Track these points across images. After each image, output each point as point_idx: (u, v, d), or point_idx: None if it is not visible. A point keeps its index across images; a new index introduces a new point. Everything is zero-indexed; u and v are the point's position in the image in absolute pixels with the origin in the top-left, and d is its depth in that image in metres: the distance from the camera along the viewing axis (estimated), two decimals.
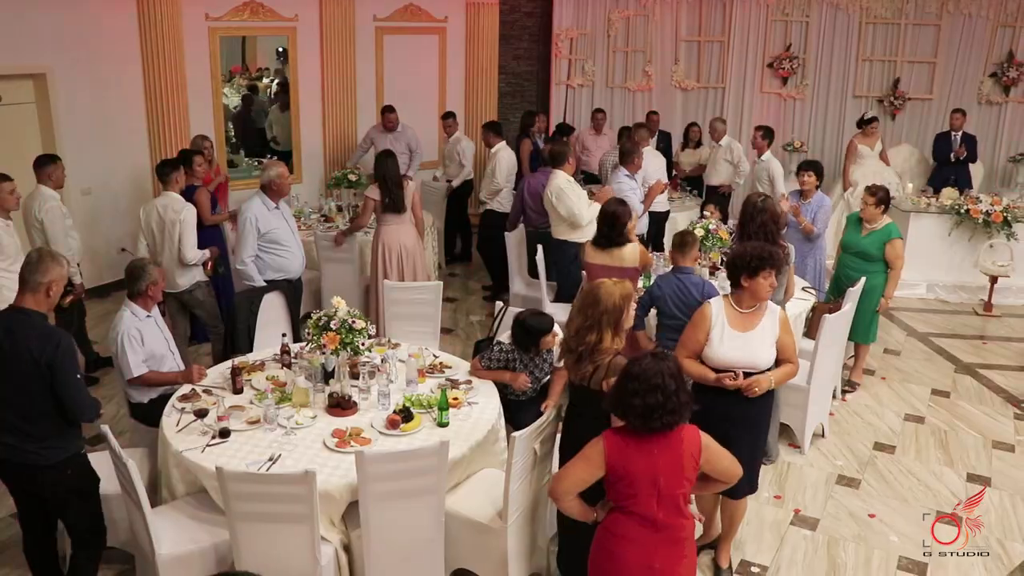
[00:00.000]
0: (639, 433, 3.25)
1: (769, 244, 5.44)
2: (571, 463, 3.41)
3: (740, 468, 3.50)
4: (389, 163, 7.30)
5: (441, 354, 5.63)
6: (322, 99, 10.50)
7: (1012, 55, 11.51)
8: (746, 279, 4.27)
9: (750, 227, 5.57)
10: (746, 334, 4.32)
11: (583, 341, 3.99)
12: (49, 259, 4.00)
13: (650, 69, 12.01)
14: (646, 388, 3.18)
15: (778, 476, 5.77)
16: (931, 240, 9.37)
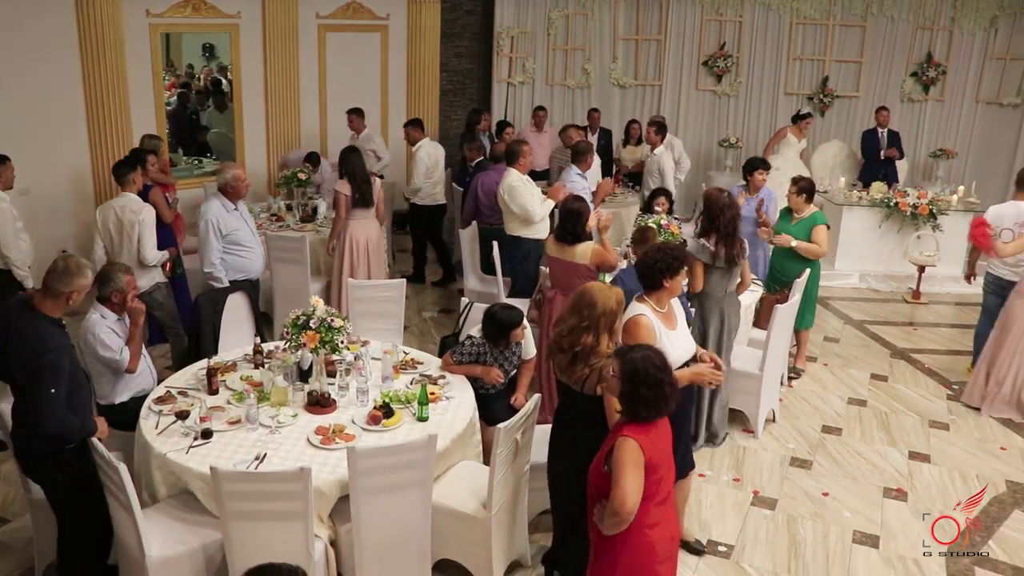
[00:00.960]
0: (648, 422, 3.42)
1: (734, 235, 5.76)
2: (624, 479, 3.30)
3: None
4: (355, 158, 7.40)
5: (411, 350, 5.73)
6: (265, 97, 10.43)
7: (931, 56, 12.10)
8: (668, 280, 4.50)
9: (720, 222, 5.74)
10: (676, 330, 4.56)
11: (578, 342, 4.07)
12: (74, 269, 4.10)
13: (589, 67, 12.23)
14: (653, 380, 3.37)
15: (735, 460, 6.03)
16: (863, 232, 9.80)
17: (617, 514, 3.33)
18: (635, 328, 4.41)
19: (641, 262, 4.62)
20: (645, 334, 4.38)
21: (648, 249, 4.69)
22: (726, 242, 5.74)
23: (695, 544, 5.04)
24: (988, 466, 6.11)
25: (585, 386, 4.10)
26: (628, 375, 3.40)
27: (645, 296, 4.58)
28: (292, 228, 8.48)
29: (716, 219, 5.76)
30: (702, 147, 12.36)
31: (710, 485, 5.70)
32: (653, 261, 4.53)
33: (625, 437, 3.36)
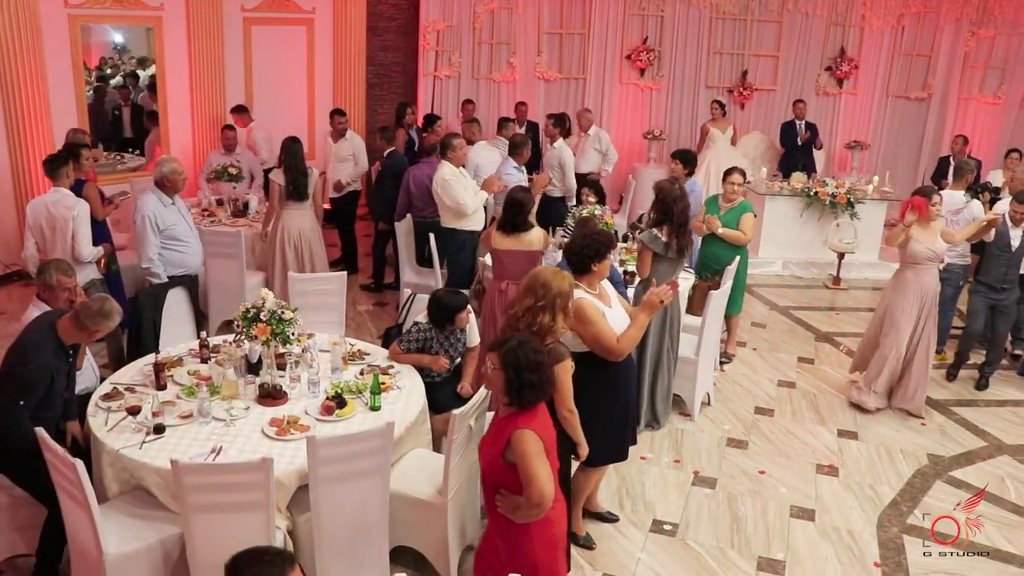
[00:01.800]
0: (534, 406, 3.49)
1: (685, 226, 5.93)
2: (536, 471, 3.36)
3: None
4: (295, 149, 7.37)
5: (356, 342, 5.76)
6: (190, 90, 10.26)
7: (844, 51, 12.55)
8: (595, 264, 4.65)
9: (673, 213, 5.89)
10: (612, 308, 4.72)
11: (535, 321, 4.15)
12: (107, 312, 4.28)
13: (514, 61, 12.35)
14: (534, 363, 3.45)
15: (674, 442, 6.22)
16: (784, 221, 10.15)
17: (538, 505, 3.36)
18: (583, 311, 4.52)
19: (569, 248, 4.76)
20: (594, 315, 4.52)
21: (575, 235, 4.83)
22: (678, 233, 5.91)
23: (607, 515, 5.25)
24: (911, 441, 6.43)
25: None
26: (511, 363, 3.44)
27: (577, 281, 4.68)
28: (224, 223, 8.39)
29: (669, 210, 5.91)
30: (627, 140, 12.58)
31: (652, 467, 5.88)
32: (581, 247, 4.67)
33: (521, 429, 3.39)
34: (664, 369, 6.22)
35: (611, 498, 5.49)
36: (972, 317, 7.24)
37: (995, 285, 7.04)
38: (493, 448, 3.54)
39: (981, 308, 7.17)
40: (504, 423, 3.52)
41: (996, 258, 6.99)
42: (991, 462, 6.24)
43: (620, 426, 4.84)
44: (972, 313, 7.24)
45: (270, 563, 2.57)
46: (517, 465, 3.40)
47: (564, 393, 4.21)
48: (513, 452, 3.40)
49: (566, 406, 4.24)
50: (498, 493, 3.53)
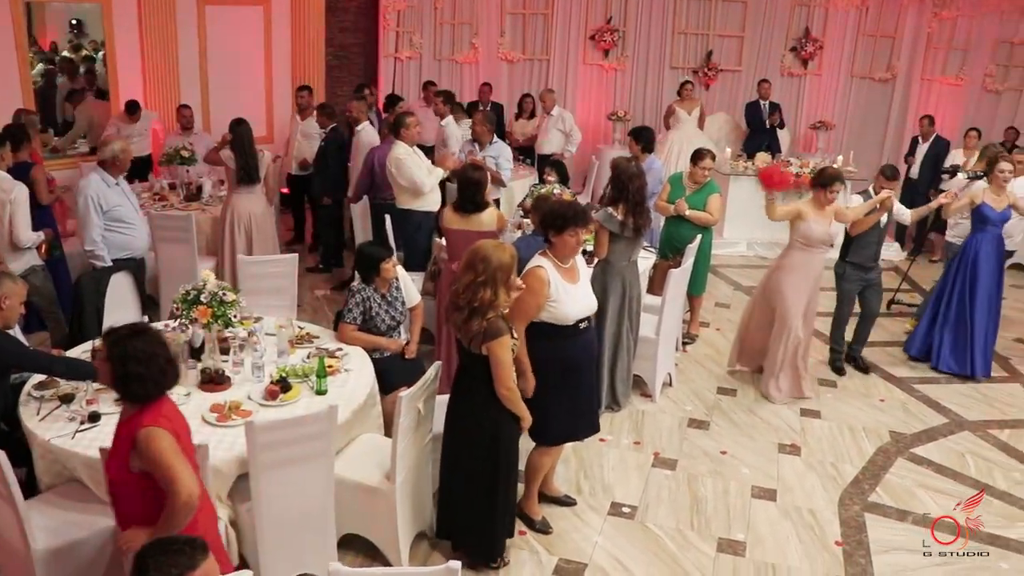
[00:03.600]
0: (154, 400, 3.24)
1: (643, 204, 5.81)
2: (176, 470, 3.09)
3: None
4: (243, 131, 7.20)
5: (306, 324, 5.61)
6: (143, 73, 10.00)
7: (808, 31, 12.47)
8: (553, 235, 4.55)
9: (629, 191, 5.77)
10: (577, 285, 4.62)
11: (476, 297, 4.04)
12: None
13: (476, 41, 12.17)
14: (144, 355, 3.18)
15: (635, 424, 6.11)
16: (749, 201, 10.05)
17: (187, 504, 3.09)
18: (528, 277, 4.45)
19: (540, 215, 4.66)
20: (537, 285, 4.44)
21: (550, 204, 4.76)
22: (634, 211, 5.79)
23: (565, 499, 5.14)
24: (873, 419, 6.38)
25: (472, 344, 4.11)
26: (116, 355, 3.16)
27: (547, 251, 4.61)
28: (176, 207, 8.18)
29: (625, 188, 5.79)
30: (591, 121, 12.45)
31: (611, 449, 5.77)
32: (542, 216, 4.70)
33: (148, 428, 3.12)
34: (624, 350, 6.10)
35: (569, 481, 5.37)
36: (843, 302, 6.92)
37: (866, 264, 6.75)
38: (118, 457, 3.22)
39: (853, 291, 6.86)
40: (126, 426, 3.21)
41: (864, 236, 6.62)
42: (952, 438, 6.19)
43: (575, 403, 4.74)
44: (844, 298, 6.90)
45: (178, 552, 2.42)
46: (152, 469, 3.11)
47: (502, 371, 4.11)
48: (143, 455, 3.11)
49: (504, 384, 4.14)
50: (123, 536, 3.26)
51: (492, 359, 4.11)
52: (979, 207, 6.84)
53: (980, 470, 5.77)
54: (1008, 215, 6.90)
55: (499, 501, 4.38)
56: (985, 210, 6.84)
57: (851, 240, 6.69)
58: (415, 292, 5.58)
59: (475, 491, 4.36)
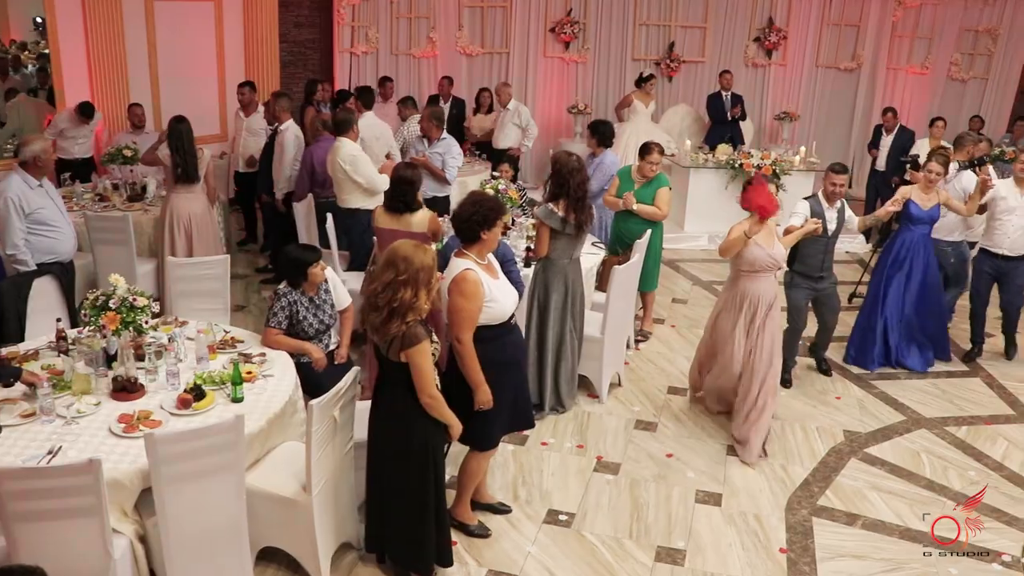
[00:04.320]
0: None
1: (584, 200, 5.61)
2: None
3: None
4: (183, 129, 6.96)
5: (233, 328, 5.39)
6: (89, 71, 9.71)
7: (772, 21, 12.30)
8: (485, 232, 4.33)
9: (570, 186, 5.56)
10: (499, 280, 4.44)
11: (395, 297, 3.84)
12: None
13: (434, 35, 11.93)
14: None
15: (579, 427, 5.90)
16: (709, 194, 9.88)
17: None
18: (464, 283, 4.22)
19: (457, 216, 4.42)
20: (474, 288, 4.22)
21: (463, 202, 4.50)
22: (576, 207, 5.58)
23: (499, 506, 4.95)
24: (828, 418, 6.20)
25: (390, 350, 3.91)
26: None
27: (465, 251, 4.38)
28: (119, 208, 7.92)
29: (565, 183, 5.58)
30: (552, 114, 12.25)
31: (553, 453, 5.56)
32: (469, 214, 4.34)
33: None
34: (568, 350, 5.90)
35: (506, 488, 5.16)
36: (794, 313, 6.36)
37: (813, 274, 6.23)
38: None
39: (803, 302, 6.34)
40: None
41: (812, 244, 6.08)
42: (908, 436, 6.01)
43: (515, 400, 4.56)
44: (794, 310, 6.35)
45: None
46: None
47: (423, 379, 3.91)
48: None
49: (427, 392, 3.94)
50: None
51: (412, 367, 3.91)
52: (906, 205, 6.60)
53: (935, 470, 5.59)
54: (937, 214, 6.67)
55: (431, 513, 4.19)
56: (912, 208, 6.61)
57: (796, 249, 6.16)
58: (345, 295, 5.35)
59: (405, 503, 4.17)
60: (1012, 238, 6.77)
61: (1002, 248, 6.82)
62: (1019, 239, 6.77)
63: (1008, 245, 6.79)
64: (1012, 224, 6.74)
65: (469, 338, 4.25)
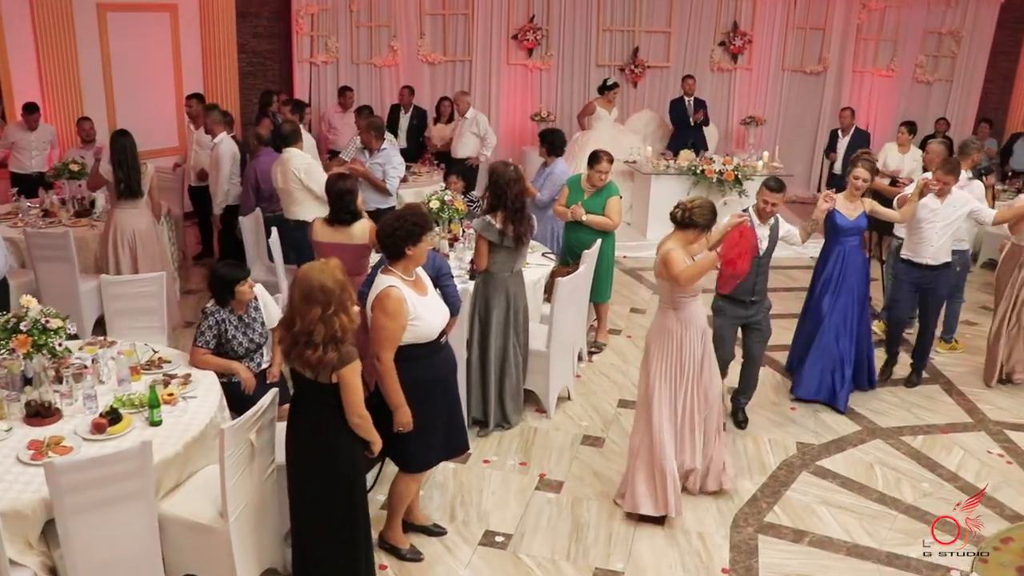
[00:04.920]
0: None
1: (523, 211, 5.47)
2: None
3: None
4: (126, 143, 6.81)
5: (162, 348, 5.22)
6: (40, 84, 9.54)
7: (736, 25, 12.22)
8: (410, 247, 4.17)
9: (507, 198, 5.43)
10: (427, 297, 4.29)
11: (333, 329, 3.70)
12: None
13: (396, 44, 11.76)
14: None
15: (524, 443, 5.75)
16: (671, 200, 9.41)
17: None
18: (386, 300, 4.08)
19: (380, 231, 4.27)
20: (396, 306, 4.08)
21: (387, 217, 4.36)
22: (514, 219, 5.45)
23: (433, 528, 4.80)
24: (782, 429, 6.07)
25: (319, 374, 3.75)
26: None
27: (390, 267, 4.23)
28: (64, 224, 7.74)
29: (503, 195, 5.45)
30: (516, 122, 12.12)
31: (494, 471, 5.40)
32: (392, 229, 4.19)
33: None
34: (512, 365, 5.76)
35: (443, 508, 5.01)
36: (719, 344, 5.60)
37: (743, 299, 5.68)
38: None
39: (730, 331, 5.80)
40: None
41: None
42: (862, 448, 5.88)
43: (446, 422, 4.42)
44: (719, 340, 5.65)
45: None
46: None
47: (355, 397, 3.78)
48: None
49: (357, 412, 3.81)
50: None
51: (344, 386, 3.76)
52: (831, 216, 6.17)
53: (888, 482, 5.46)
54: (864, 224, 6.28)
55: (359, 535, 4.05)
56: (837, 219, 6.13)
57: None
58: (277, 312, 5.18)
59: (331, 527, 4.02)
60: (935, 246, 6.43)
61: (925, 257, 6.46)
62: (941, 247, 6.46)
63: (932, 254, 6.45)
64: (935, 231, 6.40)
65: (389, 357, 4.11)
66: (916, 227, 6.44)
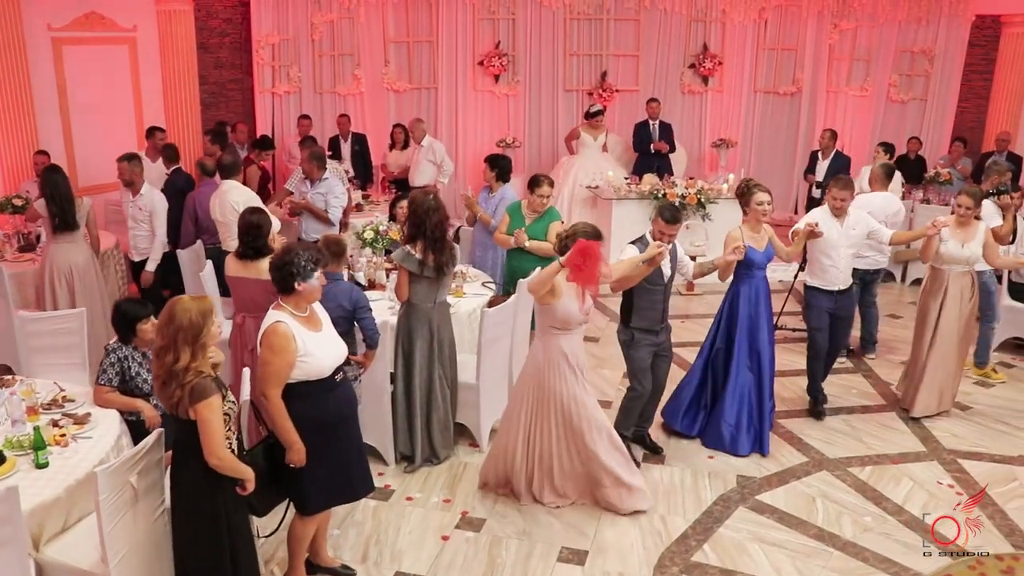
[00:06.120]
0: None
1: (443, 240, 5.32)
2: None
3: None
4: (58, 178, 6.75)
5: (69, 386, 5.05)
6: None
7: (706, 47, 12.09)
8: (299, 283, 4.03)
9: (427, 227, 5.28)
10: (322, 332, 4.14)
11: (163, 363, 3.62)
12: None
13: (359, 72, 11.65)
14: None
15: (452, 479, 5.54)
16: (633, 225, 9.48)
17: None
18: (272, 336, 3.95)
19: (271, 265, 4.12)
20: (282, 342, 3.93)
21: (278, 251, 4.21)
22: (434, 248, 5.28)
23: (341, 569, 4.60)
24: (724, 462, 5.85)
25: (179, 409, 3.63)
26: None
27: (281, 302, 4.08)
28: (6, 259, 7.61)
29: (422, 223, 5.29)
30: (484, 149, 11.93)
31: (416, 509, 5.19)
32: (282, 263, 4.04)
33: None
34: (438, 398, 5.56)
35: (357, 547, 4.81)
36: (641, 376, 5.54)
37: (654, 328, 5.47)
38: None
39: (648, 361, 5.55)
40: None
41: (648, 295, 5.37)
42: (806, 480, 5.65)
43: (344, 462, 4.24)
44: (640, 372, 5.53)
45: None
46: None
47: (210, 438, 3.62)
48: None
49: (214, 454, 3.63)
50: None
51: (200, 424, 3.61)
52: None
53: (828, 517, 5.22)
54: (772, 254, 5.97)
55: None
56: (750, 253, 5.77)
57: (631, 302, 5.44)
58: None
59: (208, 569, 3.85)
60: (843, 271, 6.22)
61: (836, 283, 6.23)
62: (847, 270, 6.26)
63: (841, 279, 6.24)
64: (841, 256, 6.18)
65: (276, 394, 3.95)
66: (823, 254, 6.21)
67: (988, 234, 6.28)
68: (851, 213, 6.21)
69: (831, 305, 6.31)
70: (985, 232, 6.26)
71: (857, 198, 6.87)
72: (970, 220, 6.22)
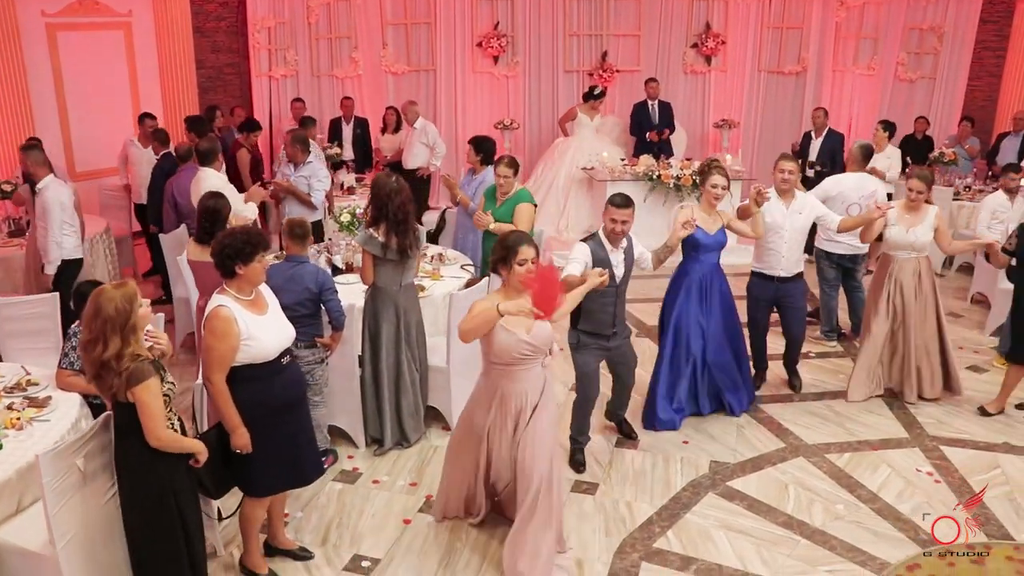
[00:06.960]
0: None
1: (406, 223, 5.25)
2: None
3: None
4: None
5: (35, 370, 5.07)
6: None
7: (709, 26, 11.89)
8: (241, 266, 3.99)
9: (389, 209, 5.24)
10: (267, 315, 4.09)
11: (91, 356, 3.59)
12: None
13: (357, 55, 11.59)
14: None
15: (420, 462, 5.51)
16: None
17: None
18: (214, 320, 3.93)
19: (212, 248, 4.09)
20: (224, 326, 3.91)
21: (220, 234, 4.17)
22: (397, 231, 5.23)
23: (299, 552, 4.58)
24: (698, 447, 5.76)
25: (118, 392, 3.61)
26: None
27: (225, 286, 4.05)
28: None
29: (384, 206, 5.24)
30: (483, 131, 11.78)
31: (382, 492, 5.16)
32: (221, 247, 4.01)
33: None
34: (407, 382, 5.53)
35: (318, 530, 4.79)
36: (585, 381, 5.36)
37: (604, 332, 5.23)
38: None
39: (594, 366, 5.35)
40: None
41: (598, 296, 4.91)
42: (780, 467, 5.54)
43: (291, 446, 4.21)
44: (584, 377, 5.34)
45: None
46: None
47: (150, 420, 3.59)
48: None
49: (154, 435, 3.61)
50: None
51: (139, 406, 3.60)
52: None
53: (799, 504, 5.12)
54: (723, 239, 5.83)
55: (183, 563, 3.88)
56: (698, 234, 5.63)
57: (579, 305, 4.91)
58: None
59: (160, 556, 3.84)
60: (786, 256, 6.08)
61: (777, 269, 6.11)
62: (792, 256, 6.10)
63: (784, 266, 6.10)
64: (783, 241, 6.04)
65: (220, 379, 3.93)
66: (765, 236, 6.05)
67: (940, 219, 6.09)
68: (799, 196, 6.06)
69: (771, 293, 6.20)
70: (936, 217, 6.06)
71: (828, 179, 6.74)
72: (920, 204, 6.05)
